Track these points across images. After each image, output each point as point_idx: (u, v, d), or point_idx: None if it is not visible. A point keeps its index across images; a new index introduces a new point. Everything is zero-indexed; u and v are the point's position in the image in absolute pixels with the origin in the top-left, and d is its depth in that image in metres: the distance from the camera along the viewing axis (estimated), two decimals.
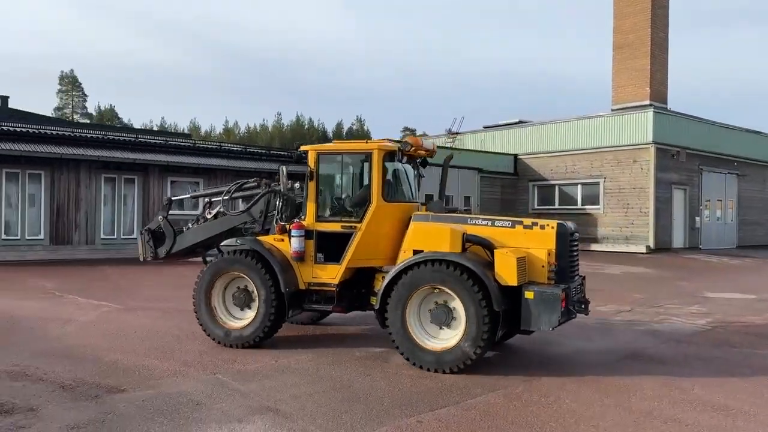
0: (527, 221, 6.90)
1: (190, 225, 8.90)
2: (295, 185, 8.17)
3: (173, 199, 9.44)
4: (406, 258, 6.90)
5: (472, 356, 6.33)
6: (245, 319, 7.61)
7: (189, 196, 10.15)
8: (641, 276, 16.90)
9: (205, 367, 6.65)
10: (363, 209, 7.23)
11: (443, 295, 6.67)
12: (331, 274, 7.33)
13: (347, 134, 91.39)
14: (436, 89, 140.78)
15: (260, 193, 8.23)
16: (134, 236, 18.53)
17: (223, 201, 8.54)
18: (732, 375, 6.70)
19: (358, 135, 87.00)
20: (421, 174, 8.21)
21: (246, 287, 7.68)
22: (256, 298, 7.49)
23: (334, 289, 7.34)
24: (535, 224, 6.81)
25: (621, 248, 24.42)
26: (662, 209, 24.21)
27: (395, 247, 7.23)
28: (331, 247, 7.31)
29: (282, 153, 25.37)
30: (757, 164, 29.51)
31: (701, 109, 66.35)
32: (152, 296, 11.72)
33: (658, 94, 25.89)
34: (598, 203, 25.61)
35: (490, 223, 7.00)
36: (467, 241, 6.68)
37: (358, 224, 7.20)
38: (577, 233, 7.04)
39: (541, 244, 6.67)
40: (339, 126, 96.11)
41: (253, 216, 8.33)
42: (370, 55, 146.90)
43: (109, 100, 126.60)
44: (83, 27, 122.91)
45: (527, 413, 5.33)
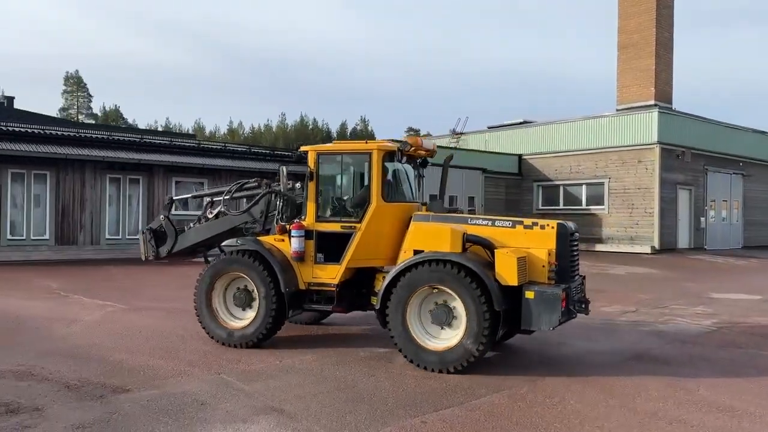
0: (527, 221, 6.91)
1: (191, 225, 8.93)
2: (296, 185, 8.18)
3: (174, 198, 9.50)
4: (406, 258, 6.90)
5: (474, 353, 6.34)
6: (246, 319, 7.63)
7: (190, 195, 10.19)
8: (646, 276, 16.86)
9: (210, 367, 6.66)
10: (363, 209, 7.24)
11: (443, 295, 6.68)
12: (331, 274, 7.34)
13: (351, 134, 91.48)
14: (441, 89, 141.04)
15: (261, 193, 8.25)
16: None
17: (224, 201, 8.57)
18: (738, 376, 6.68)
19: (362, 135, 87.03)
20: (421, 174, 8.20)
21: (246, 287, 7.70)
22: (256, 297, 7.51)
23: (334, 289, 7.35)
24: (535, 224, 6.82)
25: (626, 249, 24.36)
26: (667, 210, 24.13)
27: (395, 248, 7.24)
28: (331, 247, 7.32)
29: (286, 153, 25.42)
30: (762, 164, 29.39)
31: (701, 109, 66.17)
32: (157, 296, 11.75)
33: (663, 94, 25.81)
34: (602, 204, 25.52)
35: (490, 223, 7.01)
36: (468, 241, 6.69)
37: (358, 224, 7.21)
38: (577, 233, 7.05)
39: (541, 244, 6.68)
40: (343, 126, 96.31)
41: (254, 216, 8.35)
42: (374, 55, 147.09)
43: (113, 100, 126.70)
44: (84, 27, 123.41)
45: (532, 414, 5.32)
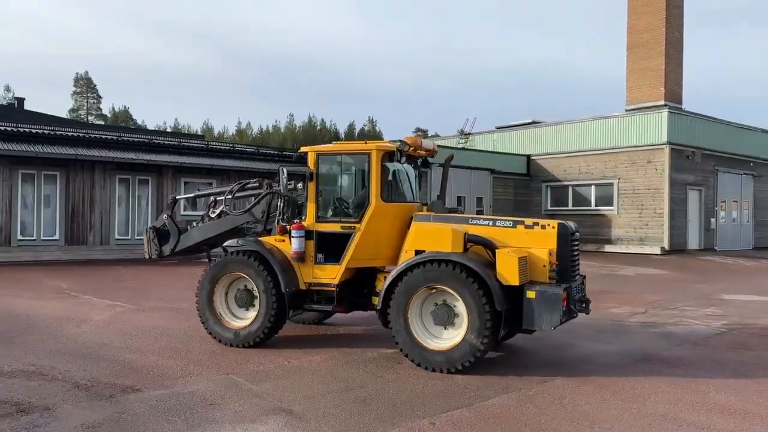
0: (528, 221, 6.92)
1: (194, 224, 9.01)
2: (298, 185, 8.20)
3: (177, 198, 9.58)
4: (407, 258, 6.92)
5: (480, 347, 6.34)
6: (248, 319, 7.68)
7: (193, 195, 10.28)
8: (656, 277, 16.76)
9: (219, 367, 6.68)
10: (362, 210, 7.25)
11: (443, 295, 6.69)
12: (331, 275, 7.35)
13: (359, 135, 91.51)
14: (449, 90, 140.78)
15: (262, 193, 8.28)
16: None
17: (226, 201, 8.61)
18: (748, 378, 6.62)
19: (370, 135, 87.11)
20: (421, 174, 8.19)
21: (246, 287, 7.75)
22: (257, 297, 7.54)
23: (334, 289, 7.36)
24: (536, 224, 6.83)
25: (635, 249, 24.24)
26: (677, 210, 23.99)
27: (396, 248, 7.25)
28: (331, 247, 7.34)
29: (293, 154, 25.40)
30: None
31: (711, 110, 65.78)
32: (166, 296, 11.80)
33: (673, 94, 25.66)
34: (612, 204, 25.41)
35: (491, 223, 7.03)
36: (469, 241, 6.69)
37: (357, 225, 7.22)
38: (578, 233, 7.05)
39: (542, 244, 6.69)
40: (351, 127, 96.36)
41: (255, 216, 8.39)
42: (381, 56, 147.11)
43: (123, 101, 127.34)
44: (91, 27, 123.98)
45: (541, 416, 5.30)
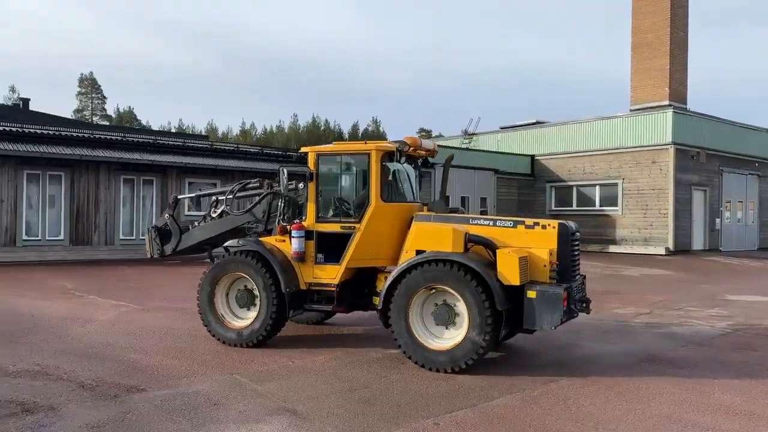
0: (529, 221, 6.92)
1: (196, 223, 9.04)
2: (299, 185, 8.21)
3: (179, 198, 9.62)
4: (408, 258, 6.92)
5: (482, 344, 6.34)
6: (248, 319, 7.70)
7: (195, 195, 10.33)
8: (660, 278, 16.72)
9: (223, 367, 6.70)
10: (362, 210, 7.25)
11: (443, 295, 6.69)
12: (331, 275, 7.36)
13: (363, 135, 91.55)
14: (449, 90, 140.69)
15: (263, 193, 8.29)
16: None
17: (227, 200, 8.64)
18: (753, 379, 6.60)
19: (374, 136, 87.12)
20: (422, 174, 8.19)
21: (246, 286, 7.78)
22: (258, 296, 7.56)
23: (334, 289, 7.37)
24: (536, 224, 6.84)
25: (640, 250, 24.17)
26: (682, 211, 23.92)
27: (396, 248, 7.25)
28: (331, 247, 7.35)
29: (295, 154, 25.42)
30: None
31: (716, 110, 65.67)
32: (170, 296, 11.82)
33: (678, 94, 25.58)
34: (616, 205, 25.35)
35: (491, 223, 7.03)
36: (470, 241, 6.70)
37: (357, 225, 7.22)
38: (578, 233, 7.05)
39: (542, 244, 6.69)
40: (355, 127, 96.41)
41: (256, 216, 8.42)
42: (383, 56, 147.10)
43: (127, 102, 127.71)
44: (91, 28, 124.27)
45: (545, 416, 5.29)
